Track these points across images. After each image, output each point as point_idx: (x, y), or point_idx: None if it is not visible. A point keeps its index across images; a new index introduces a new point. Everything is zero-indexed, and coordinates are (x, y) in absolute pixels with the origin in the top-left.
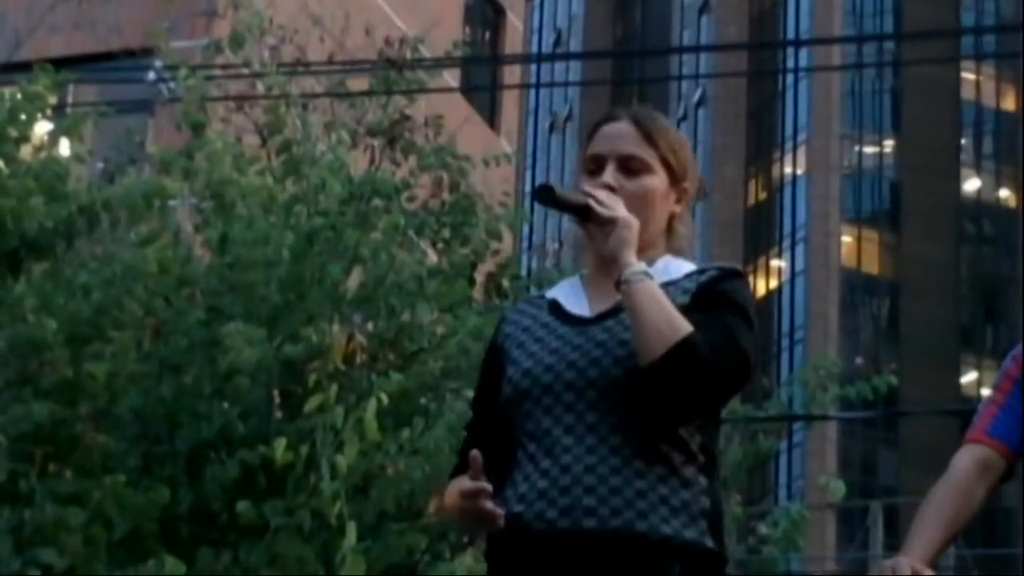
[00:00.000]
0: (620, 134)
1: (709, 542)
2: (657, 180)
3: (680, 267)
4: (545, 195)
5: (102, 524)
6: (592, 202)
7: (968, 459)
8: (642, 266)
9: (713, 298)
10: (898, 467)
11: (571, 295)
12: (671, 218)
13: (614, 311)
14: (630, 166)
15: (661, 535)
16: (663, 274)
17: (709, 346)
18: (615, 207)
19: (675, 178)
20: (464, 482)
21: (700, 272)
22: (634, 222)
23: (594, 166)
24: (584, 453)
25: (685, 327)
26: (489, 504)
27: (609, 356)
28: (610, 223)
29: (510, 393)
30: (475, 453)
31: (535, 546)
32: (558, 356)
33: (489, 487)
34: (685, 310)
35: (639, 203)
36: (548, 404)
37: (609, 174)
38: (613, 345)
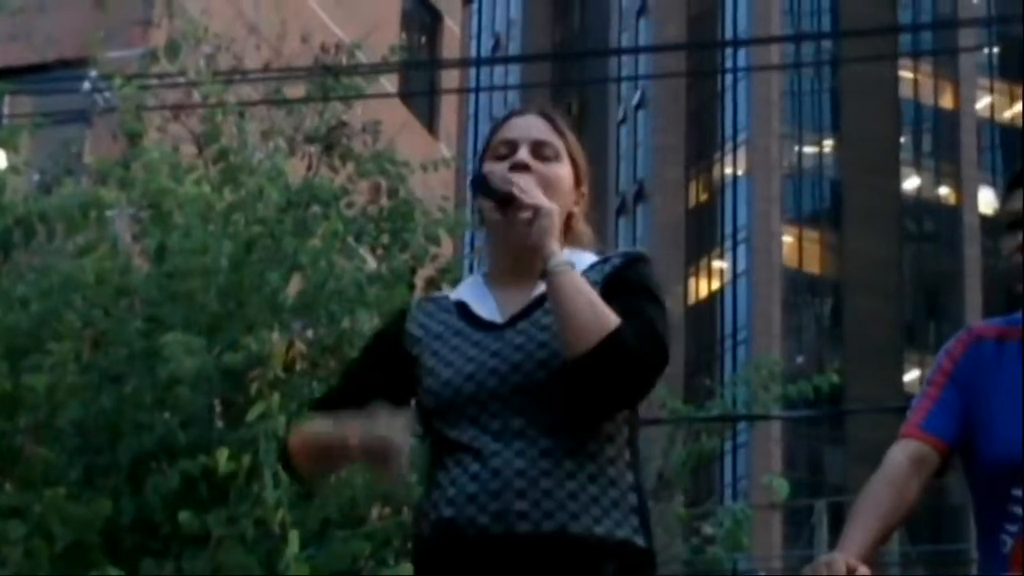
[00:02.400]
0: (532, 123)
1: (640, 540)
2: (566, 170)
3: (582, 258)
4: (484, 184)
5: (43, 537)
6: (515, 189)
7: (902, 454)
8: (566, 255)
9: (625, 286)
10: (844, 465)
11: (477, 297)
12: (571, 216)
13: (525, 312)
14: (542, 152)
15: (595, 536)
16: None
17: (635, 338)
18: (537, 195)
19: (577, 177)
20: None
21: (604, 261)
22: (556, 210)
23: (506, 150)
24: (513, 457)
25: (613, 320)
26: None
27: (531, 360)
28: (533, 210)
29: (432, 405)
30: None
31: (468, 551)
32: (477, 364)
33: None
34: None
35: (550, 188)
36: (473, 414)
37: (524, 154)
38: (533, 348)
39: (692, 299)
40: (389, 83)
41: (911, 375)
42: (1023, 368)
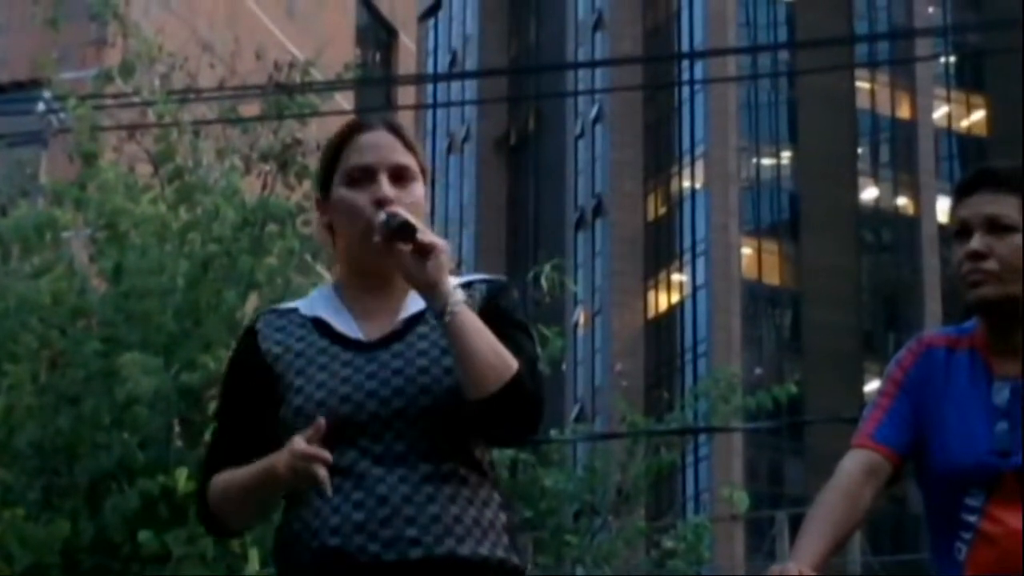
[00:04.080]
0: (385, 143)
1: (515, 558)
2: (421, 188)
3: None
4: (408, 230)
5: (3, 558)
6: (415, 226)
7: (854, 463)
8: (460, 294)
9: (498, 318)
10: (804, 476)
11: (334, 313)
12: None
13: (397, 335)
14: (402, 175)
15: (480, 557)
16: None
17: (530, 378)
18: (429, 232)
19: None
20: (298, 443)
21: (467, 285)
22: (448, 247)
23: (361, 176)
24: (398, 483)
25: (513, 362)
26: (324, 472)
27: (413, 385)
28: (431, 249)
29: (302, 425)
30: (320, 421)
31: None
32: (353, 386)
33: (329, 456)
34: None
35: (414, 214)
36: (351, 436)
37: (385, 187)
38: (413, 373)
39: (651, 312)
40: (344, 100)
41: (871, 385)
42: (972, 377)
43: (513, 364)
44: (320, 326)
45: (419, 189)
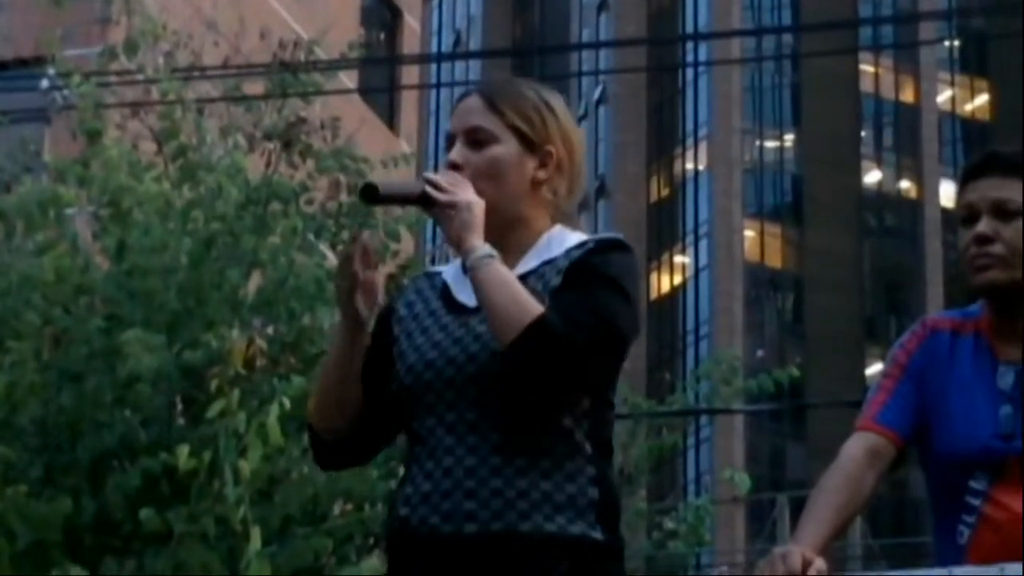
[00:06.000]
0: (467, 108)
1: (597, 534)
2: (504, 148)
3: (563, 241)
4: (369, 194)
5: (4, 535)
6: (428, 188)
7: (857, 446)
8: (486, 248)
9: (581, 272)
10: (806, 460)
11: (458, 278)
12: (538, 185)
13: None
14: (476, 138)
15: (545, 533)
16: (544, 252)
17: (565, 323)
18: (455, 190)
19: (530, 144)
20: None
21: (580, 246)
22: (477, 204)
23: (448, 144)
24: (465, 454)
25: (534, 308)
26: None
27: (486, 350)
28: (450, 207)
29: (396, 390)
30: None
31: (422, 551)
32: (439, 351)
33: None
34: (558, 290)
35: (489, 175)
36: (431, 402)
37: (456, 151)
38: (490, 338)
39: (654, 294)
40: (348, 79)
41: (872, 370)
42: (977, 361)
43: (532, 311)
44: (444, 290)
45: (496, 149)
